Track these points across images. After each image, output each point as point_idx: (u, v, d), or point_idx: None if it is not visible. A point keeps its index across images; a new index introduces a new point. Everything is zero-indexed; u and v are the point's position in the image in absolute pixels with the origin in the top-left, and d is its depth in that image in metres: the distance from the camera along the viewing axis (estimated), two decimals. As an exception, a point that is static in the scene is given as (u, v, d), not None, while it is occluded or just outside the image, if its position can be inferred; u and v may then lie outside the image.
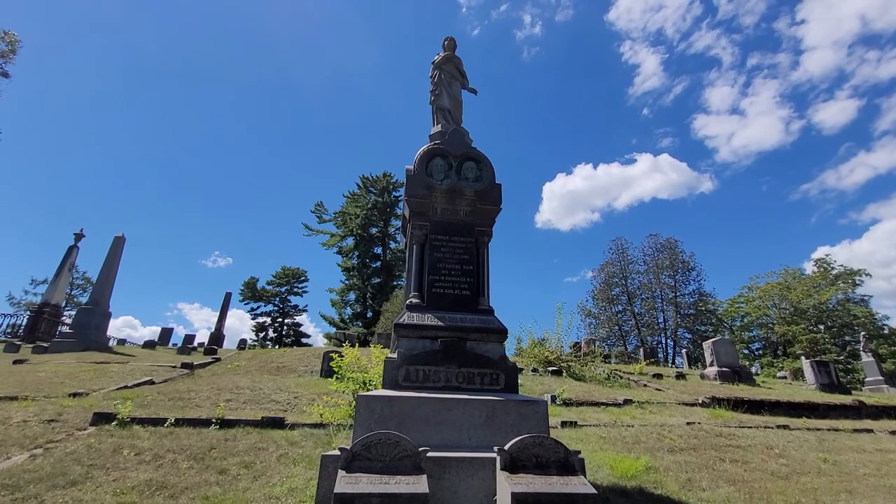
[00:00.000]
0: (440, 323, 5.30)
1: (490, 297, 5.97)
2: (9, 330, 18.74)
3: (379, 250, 42.44)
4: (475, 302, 5.59)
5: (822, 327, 27.61)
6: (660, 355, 27.88)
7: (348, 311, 40.27)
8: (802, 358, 18.26)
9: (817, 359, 16.36)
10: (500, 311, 6.31)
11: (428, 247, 5.74)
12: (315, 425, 7.27)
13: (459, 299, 5.54)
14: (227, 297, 27.54)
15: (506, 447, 4.09)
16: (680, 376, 14.22)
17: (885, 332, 27.48)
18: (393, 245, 42.27)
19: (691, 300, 31.80)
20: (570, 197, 70.35)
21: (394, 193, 42.46)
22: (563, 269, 67.54)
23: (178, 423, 6.43)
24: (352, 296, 40.83)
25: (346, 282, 40.19)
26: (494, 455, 4.31)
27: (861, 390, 16.38)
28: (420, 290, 5.58)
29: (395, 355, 5.11)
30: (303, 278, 46.62)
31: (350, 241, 41.18)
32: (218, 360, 15.54)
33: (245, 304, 45.28)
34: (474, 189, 6.06)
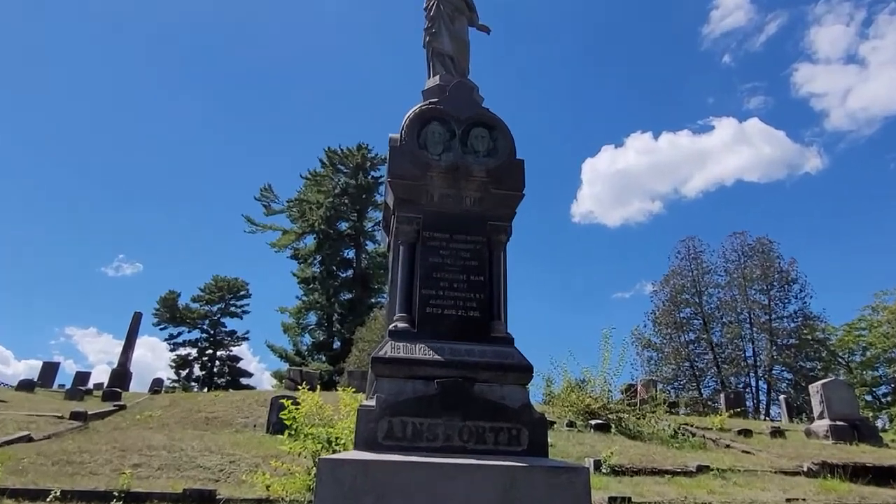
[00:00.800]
0: (437, 357, 5.29)
1: (508, 319, 5.95)
2: None
3: (351, 254, 42.57)
4: (486, 327, 5.60)
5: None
6: (748, 403, 27.75)
7: (307, 339, 40.31)
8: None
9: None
10: (522, 339, 6.27)
11: (421, 249, 5.77)
12: (260, 501, 7.22)
13: (465, 323, 5.55)
14: (136, 319, 27.41)
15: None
16: (777, 433, 14.21)
17: None
18: (371, 246, 42.38)
19: (792, 326, 31.79)
20: (621, 179, 70.74)
21: (372, 174, 42.59)
22: (612, 282, 67.92)
23: (67, 496, 6.42)
24: (312, 318, 40.93)
25: (305, 298, 40.24)
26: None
27: None
28: (409, 309, 5.59)
29: (372, 402, 5.09)
30: (243, 293, 46.66)
31: (310, 241, 41.31)
32: (122, 407, 15.55)
33: (161, 328, 45.28)
34: (486, 167, 6.10)
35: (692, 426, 14.21)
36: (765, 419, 24.89)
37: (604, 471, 9.16)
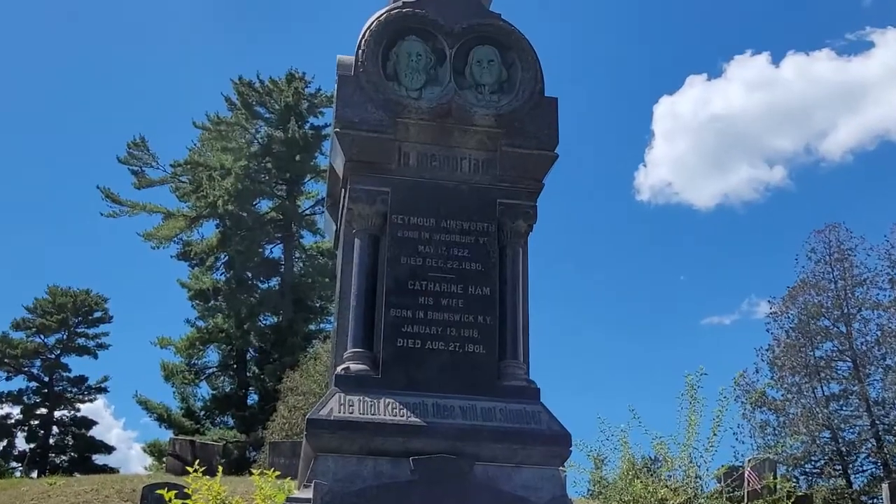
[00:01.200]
0: (415, 419, 5.33)
1: (531, 358, 6.01)
2: None
3: (277, 252, 42.65)
4: (495, 370, 5.68)
5: None
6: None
7: (204, 390, 40.32)
8: None
9: None
10: (552, 389, 6.34)
11: (389, 243, 5.87)
12: None
13: (460, 364, 5.63)
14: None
15: None
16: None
17: None
18: (309, 239, 42.50)
19: None
20: (718, 131, 70.34)
21: (312, 121, 42.69)
22: (701, 298, 67.58)
23: None
24: (213, 356, 40.94)
25: (201, 324, 40.28)
26: None
27: None
28: (369, 341, 5.67)
29: (308, 494, 5.12)
30: (99, 316, 46.48)
31: (210, 232, 41.41)
32: None
33: (-41, 374, 45.08)
34: (496, 110, 6.18)
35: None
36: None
37: None
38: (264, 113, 42.14)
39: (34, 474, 35.61)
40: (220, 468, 8.93)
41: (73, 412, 45.36)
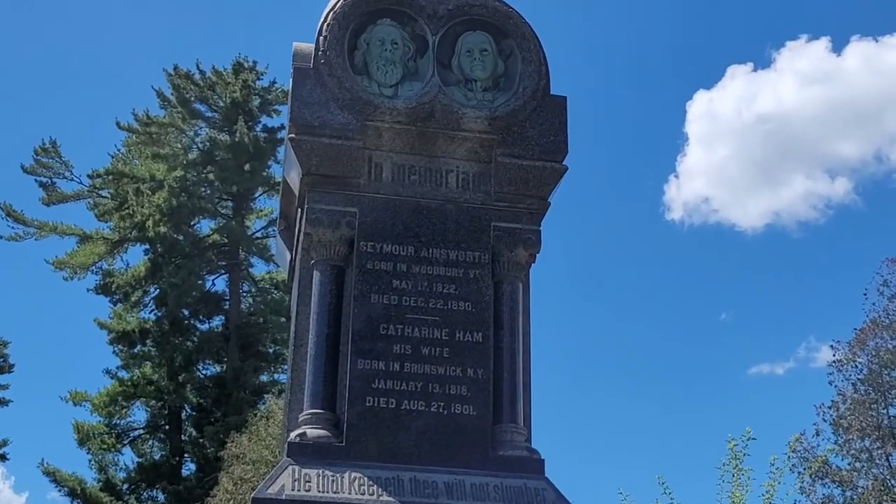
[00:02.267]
0: (389, 498, 5.33)
1: (534, 419, 6.02)
2: None
3: (220, 284, 42.50)
4: (487, 436, 5.67)
5: None
6: None
7: (128, 457, 40.06)
8: None
9: None
10: (559, 457, 6.33)
11: (356, 277, 5.88)
12: None
13: (444, 429, 5.62)
14: None
15: None
16: None
17: None
18: (260, 269, 42.40)
19: None
20: (767, 133, 70.74)
21: (265, 121, 42.72)
22: (745, 342, 67.64)
23: None
24: (139, 415, 40.70)
25: (125, 374, 40.03)
26: None
27: None
28: (331, 399, 5.66)
29: None
30: (-4, 363, 46.30)
31: (138, 259, 41.28)
32: None
33: None
34: (490, 111, 6.21)
35: None
36: None
37: None
38: (206, 111, 42.14)
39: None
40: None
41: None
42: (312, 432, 5.47)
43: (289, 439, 5.55)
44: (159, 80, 41.69)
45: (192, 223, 40.80)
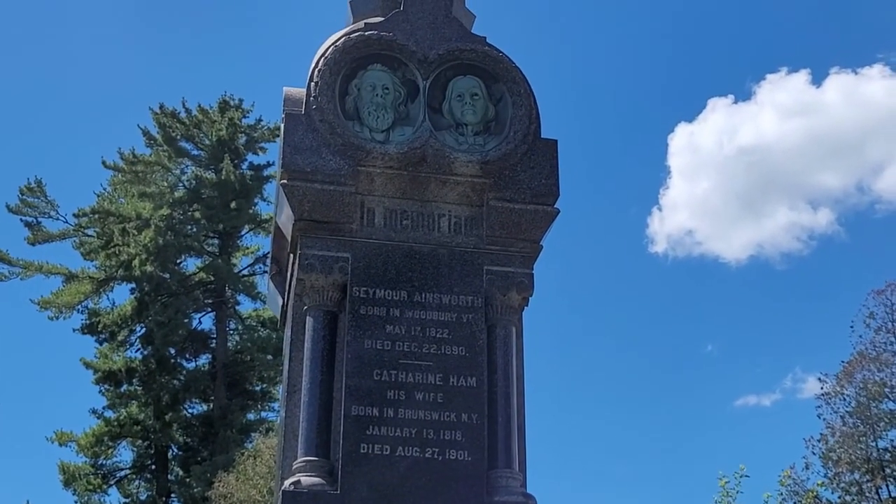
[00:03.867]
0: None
1: (529, 464, 6.02)
2: None
3: (207, 323, 42.32)
4: (482, 482, 5.65)
5: None
6: None
7: (114, 497, 39.75)
8: None
9: None
10: (554, 500, 6.32)
11: (350, 322, 5.87)
12: None
13: (439, 475, 5.60)
14: None
15: None
16: None
17: None
18: (247, 306, 42.28)
19: None
20: (750, 165, 70.75)
21: (252, 159, 42.77)
22: (733, 373, 67.53)
23: None
24: (125, 455, 40.42)
25: (111, 414, 39.80)
26: None
27: None
28: (324, 447, 5.65)
29: None
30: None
31: (124, 298, 41.13)
32: None
33: None
34: (482, 156, 6.22)
35: None
36: None
37: None
38: (192, 150, 42.10)
39: None
40: None
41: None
42: (307, 480, 5.44)
43: (283, 487, 5.51)
44: (145, 119, 41.65)
45: (178, 261, 40.67)
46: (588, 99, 69.07)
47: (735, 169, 66.90)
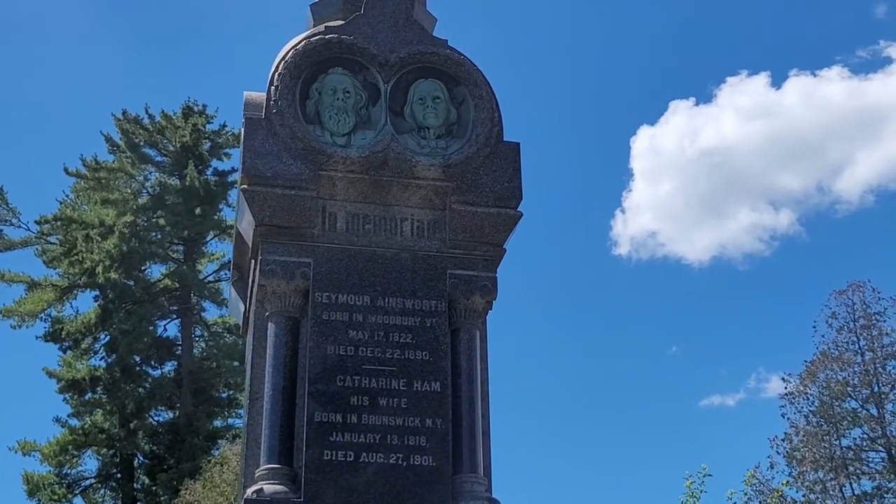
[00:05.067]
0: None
1: (494, 468, 5.99)
2: None
3: (172, 330, 42.03)
4: (447, 487, 5.63)
5: None
6: None
7: (80, 510, 39.46)
8: None
9: None
10: (518, 494, 6.30)
11: (312, 328, 5.85)
12: None
13: (403, 479, 5.59)
14: None
15: None
16: None
17: None
18: (213, 313, 42.04)
19: None
20: (712, 167, 71.24)
21: (216, 165, 42.62)
22: (697, 374, 67.92)
23: None
24: (91, 464, 40.06)
25: (76, 423, 39.45)
26: None
27: None
28: (287, 454, 5.61)
29: None
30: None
31: (89, 307, 40.80)
32: None
33: None
34: (444, 159, 6.22)
35: None
36: None
37: None
38: (155, 156, 41.85)
39: None
40: None
41: None
42: (269, 488, 5.40)
43: (245, 496, 5.47)
44: (108, 126, 41.40)
45: (142, 268, 40.43)
46: (550, 102, 69.22)
47: (697, 171, 67.54)
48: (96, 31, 65.73)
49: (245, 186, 5.96)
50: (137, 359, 39.55)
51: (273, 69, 6.21)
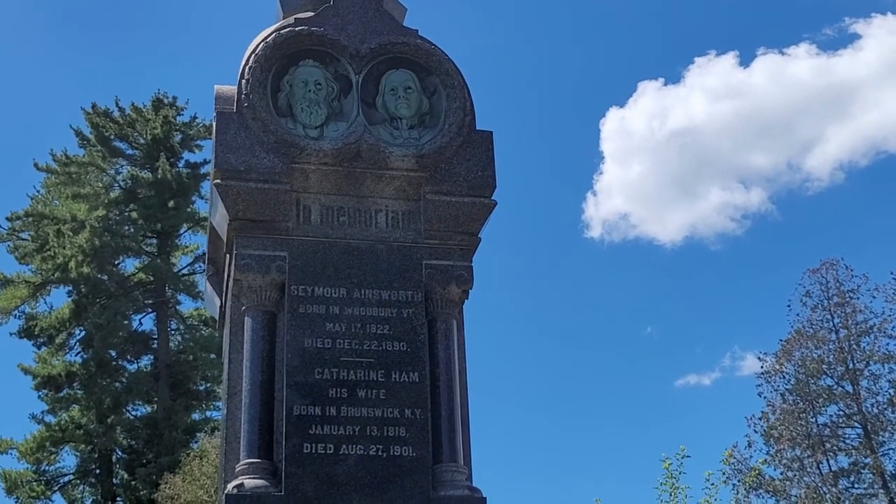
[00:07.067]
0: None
1: (474, 457, 6.03)
2: None
3: (147, 323, 41.88)
4: (427, 477, 5.65)
5: None
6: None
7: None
8: None
9: None
10: (499, 489, 6.35)
11: (289, 321, 5.85)
12: None
13: (383, 472, 5.59)
14: None
15: None
16: None
17: None
18: (188, 306, 41.91)
19: None
20: (682, 148, 71.44)
21: (187, 157, 42.41)
22: (671, 355, 68.18)
23: None
24: (69, 461, 39.89)
25: (52, 419, 39.28)
26: None
27: None
28: (266, 448, 5.61)
29: None
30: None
31: (63, 302, 40.57)
32: None
33: None
34: (417, 149, 6.22)
35: None
36: None
37: None
38: (126, 149, 41.63)
39: None
40: None
41: None
42: (250, 482, 5.39)
43: (226, 490, 5.46)
44: (77, 119, 41.12)
45: (116, 262, 40.19)
46: (519, 87, 69.22)
47: (667, 152, 67.53)
48: (64, 24, 65.25)
49: (218, 181, 5.93)
50: (113, 353, 39.37)
51: (244, 62, 6.19)
